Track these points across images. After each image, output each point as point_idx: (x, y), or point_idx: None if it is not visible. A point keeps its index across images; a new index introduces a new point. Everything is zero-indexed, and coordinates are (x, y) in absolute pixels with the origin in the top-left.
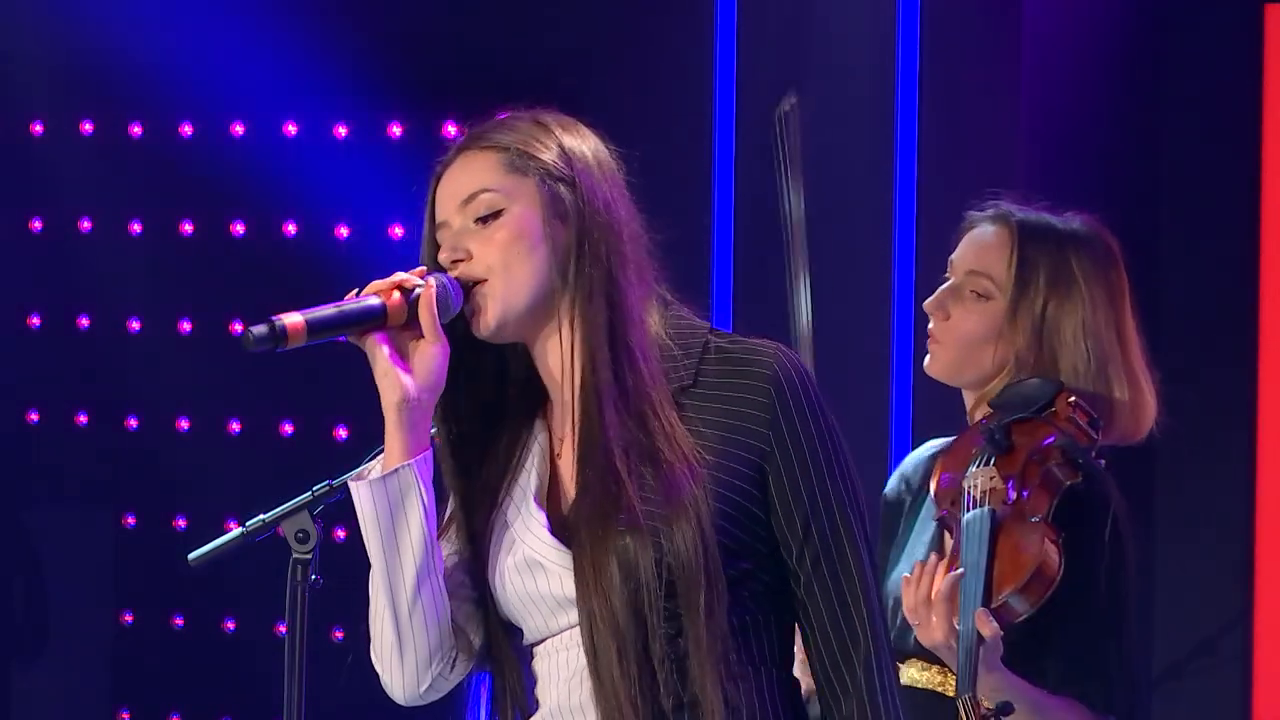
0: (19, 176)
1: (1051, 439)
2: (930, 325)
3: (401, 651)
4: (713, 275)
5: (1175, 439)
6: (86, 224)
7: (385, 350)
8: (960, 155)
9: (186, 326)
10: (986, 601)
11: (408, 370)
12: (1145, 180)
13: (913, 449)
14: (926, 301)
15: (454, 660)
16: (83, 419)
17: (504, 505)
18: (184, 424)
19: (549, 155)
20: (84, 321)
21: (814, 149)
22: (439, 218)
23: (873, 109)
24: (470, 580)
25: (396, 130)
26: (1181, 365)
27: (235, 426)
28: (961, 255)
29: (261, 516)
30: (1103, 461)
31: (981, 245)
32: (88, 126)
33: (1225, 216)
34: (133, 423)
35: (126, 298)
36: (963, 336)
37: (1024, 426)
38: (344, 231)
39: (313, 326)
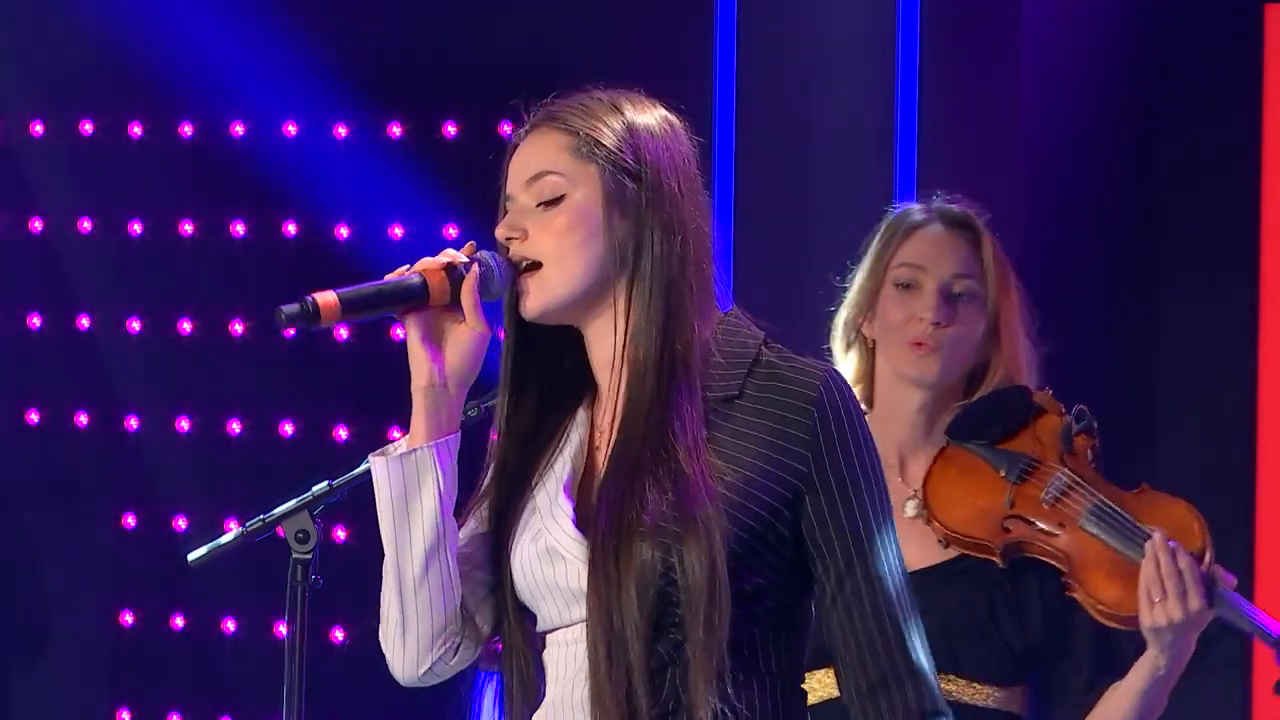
0: (19, 176)
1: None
2: (919, 333)
3: (404, 630)
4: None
5: (1175, 438)
6: (86, 224)
7: (419, 331)
8: (960, 155)
9: (186, 326)
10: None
11: (440, 353)
12: (1145, 180)
13: None
14: (929, 312)
15: (457, 646)
16: (83, 419)
17: (536, 490)
18: (184, 424)
19: (617, 144)
20: (84, 321)
21: (814, 149)
22: (508, 190)
23: (873, 109)
24: (488, 561)
25: (396, 130)
26: (1181, 365)
27: (235, 426)
28: (935, 256)
29: (261, 516)
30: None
31: (956, 246)
32: (88, 126)
33: (1225, 216)
34: (133, 423)
35: (126, 298)
36: (965, 339)
37: (1027, 427)
38: (344, 231)
39: (346, 304)
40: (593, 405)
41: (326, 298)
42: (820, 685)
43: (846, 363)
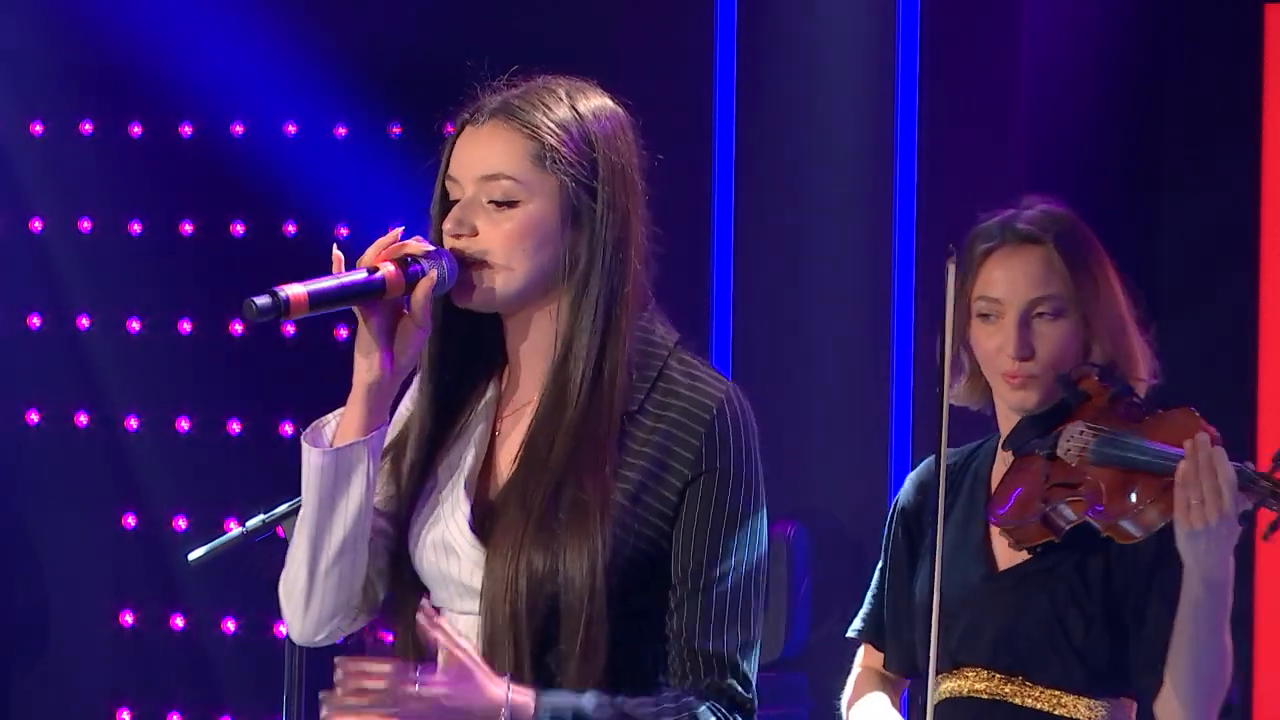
0: (19, 176)
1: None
2: (1011, 368)
3: (309, 601)
4: (713, 276)
5: None
6: (86, 224)
7: (374, 326)
8: (960, 155)
9: (186, 326)
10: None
11: (389, 350)
12: (1145, 180)
13: (913, 449)
14: (1007, 353)
15: (355, 616)
16: (83, 419)
17: (439, 474)
18: (184, 424)
19: (579, 158)
20: (84, 321)
21: (814, 149)
22: (452, 172)
23: (873, 109)
24: (392, 530)
25: (396, 130)
26: (1181, 363)
27: (235, 426)
28: (1013, 287)
29: (261, 516)
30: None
31: (1028, 273)
32: (88, 126)
33: (1225, 216)
34: (133, 423)
35: (126, 298)
36: (1055, 358)
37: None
38: (344, 232)
39: (314, 299)
40: (501, 383)
41: (296, 292)
42: (970, 689)
43: (959, 387)
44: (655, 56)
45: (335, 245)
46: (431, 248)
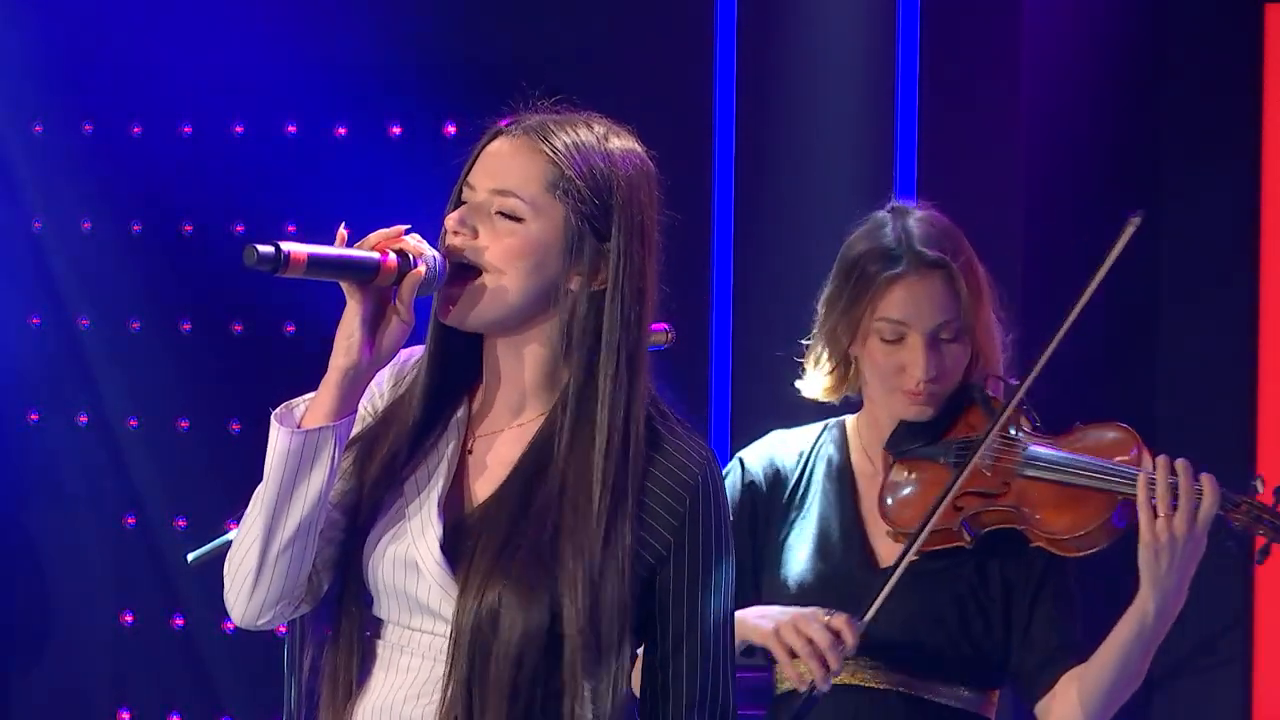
0: (19, 176)
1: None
2: (914, 385)
3: (255, 585)
4: (713, 276)
5: (1174, 438)
6: (86, 224)
7: (362, 312)
8: (960, 155)
9: (186, 326)
10: None
11: (371, 338)
12: (1145, 180)
13: None
14: (913, 373)
15: (298, 604)
16: (83, 419)
17: (405, 487)
18: (184, 424)
19: (592, 188)
20: (84, 321)
21: (814, 149)
22: (471, 178)
23: (873, 109)
24: (343, 526)
25: (396, 130)
26: (1181, 364)
27: (235, 426)
28: (914, 309)
29: None
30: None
31: (932, 299)
32: (88, 126)
33: (1225, 216)
34: (133, 423)
35: (126, 298)
36: (954, 373)
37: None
38: (345, 232)
39: (312, 262)
40: (471, 404)
41: (298, 251)
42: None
43: (817, 371)
44: (655, 56)
45: (342, 224)
46: (428, 248)
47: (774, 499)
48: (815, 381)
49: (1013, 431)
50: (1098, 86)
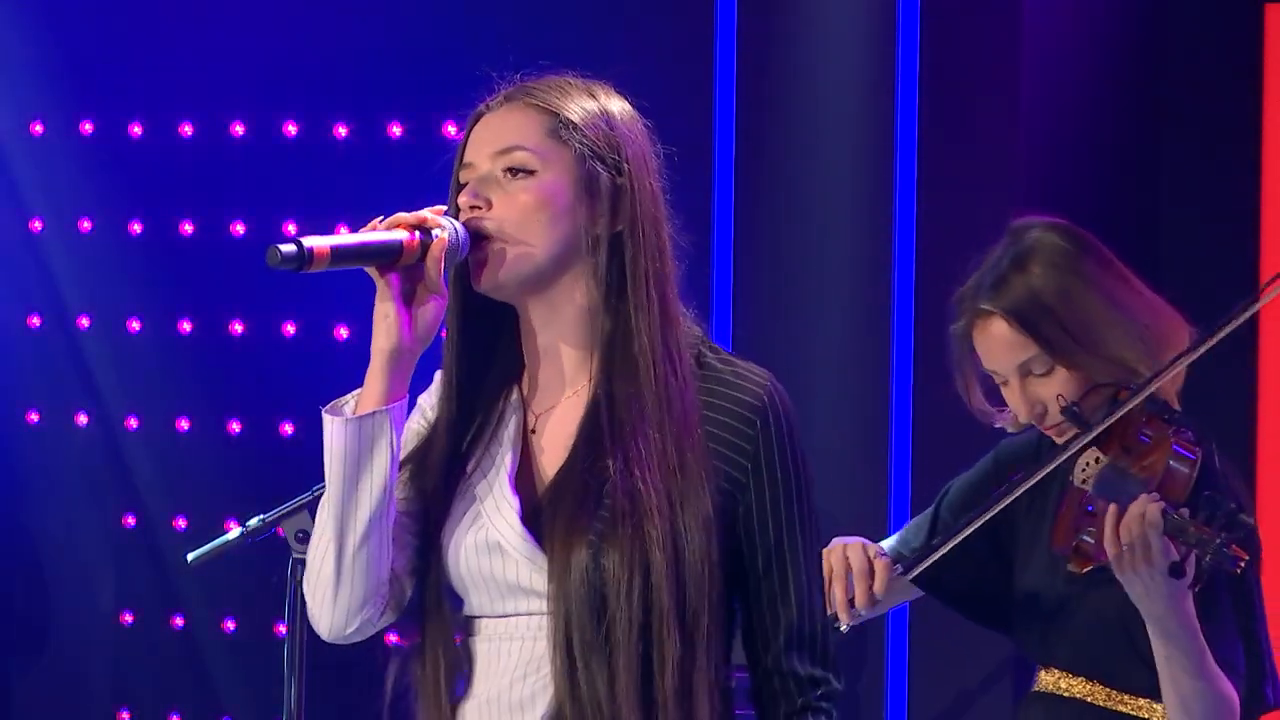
0: (19, 176)
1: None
2: (1039, 423)
3: (336, 591)
4: (713, 276)
5: None
6: (86, 224)
7: (393, 292)
8: (960, 155)
9: (186, 326)
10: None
11: (408, 316)
12: (1145, 181)
13: (912, 453)
14: (1021, 417)
15: (384, 609)
16: (83, 419)
17: (473, 476)
18: (184, 424)
19: (594, 130)
20: (84, 321)
21: (814, 149)
22: (467, 158)
23: (873, 109)
24: (416, 531)
25: (396, 130)
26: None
27: (235, 426)
28: (996, 359)
29: (261, 516)
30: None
31: (1001, 346)
32: (88, 126)
33: (1225, 217)
34: (133, 423)
35: (126, 298)
36: (1068, 390)
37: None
38: (344, 232)
39: (336, 253)
40: (522, 387)
41: (320, 245)
42: (1057, 686)
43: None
44: (655, 56)
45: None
46: (446, 220)
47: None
48: (1009, 417)
49: (1124, 445)
50: (1098, 86)
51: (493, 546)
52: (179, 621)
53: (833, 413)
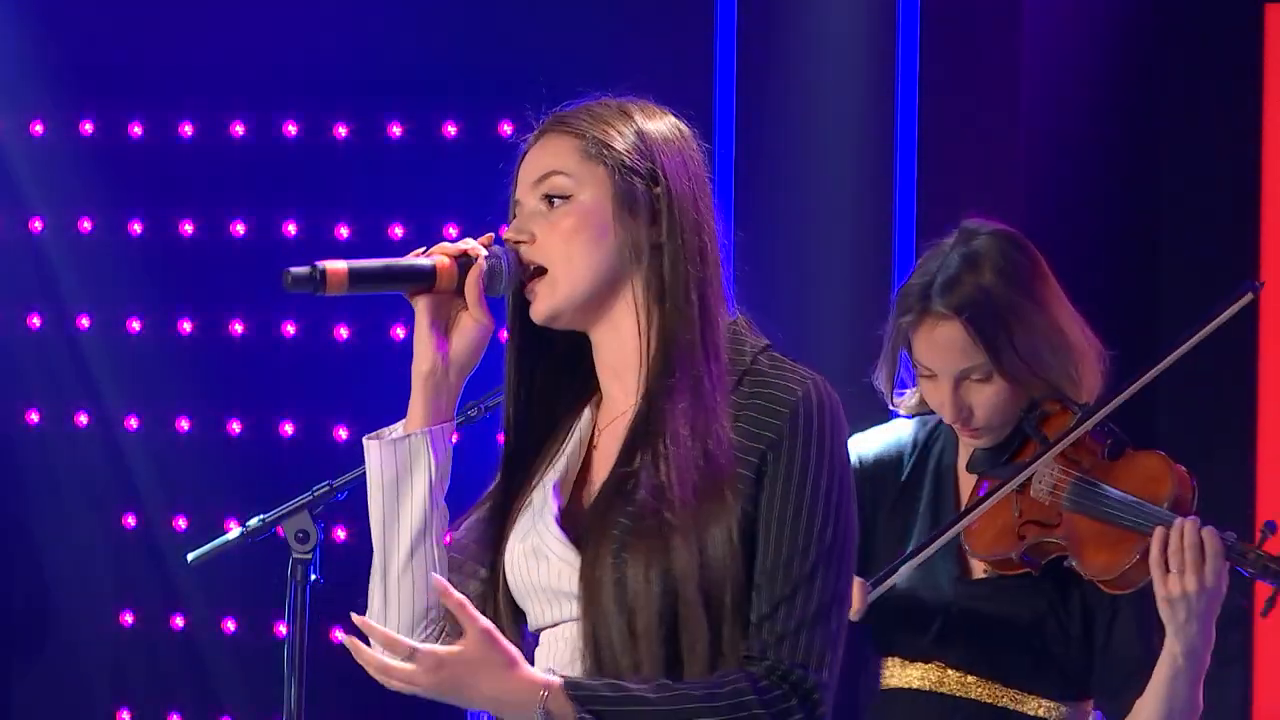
0: (19, 176)
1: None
2: (957, 424)
3: (385, 615)
4: None
5: (1175, 440)
6: (86, 224)
7: (428, 315)
8: (960, 155)
9: (186, 326)
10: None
11: (445, 340)
12: (1145, 180)
13: None
14: (945, 415)
15: (440, 632)
16: (83, 419)
17: (534, 494)
18: (184, 424)
19: (626, 145)
20: (84, 321)
21: (814, 148)
22: (517, 195)
23: (873, 109)
24: (482, 555)
25: (397, 130)
26: (1180, 367)
27: (235, 426)
28: (938, 359)
29: (261, 516)
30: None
31: (949, 349)
32: (88, 126)
33: (1225, 217)
34: (133, 423)
35: (126, 298)
36: (995, 415)
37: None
38: (344, 231)
39: (355, 276)
40: (598, 407)
41: (336, 267)
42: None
43: (909, 395)
44: (655, 56)
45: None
46: (497, 246)
47: (881, 485)
48: (910, 396)
49: (1073, 459)
50: (1097, 86)
51: (538, 553)
52: (179, 621)
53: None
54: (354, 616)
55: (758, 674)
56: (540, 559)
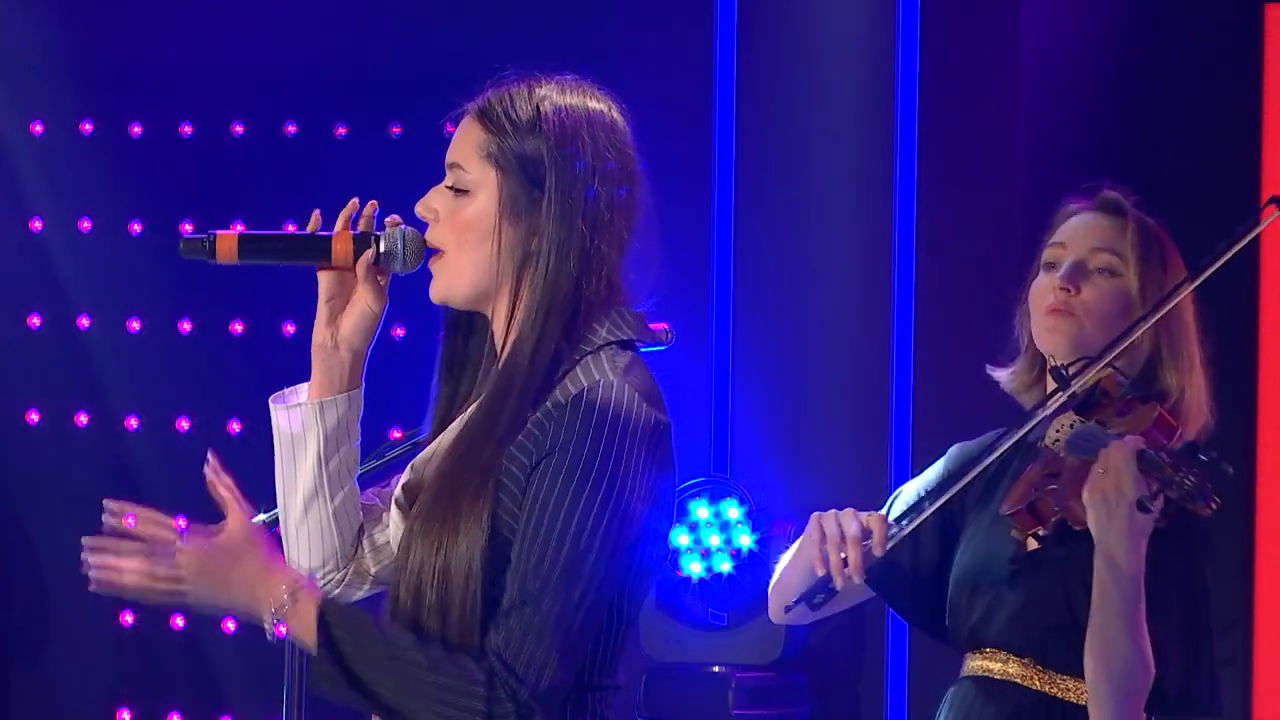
0: (19, 176)
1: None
2: (1054, 299)
3: (290, 555)
4: (712, 276)
5: None
6: (86, 224)
7: (326, 290)
8: (960, 155)
9: (186, 326)
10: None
11: (338, 317)
12: (1145, 180)
13: (911, 447)
14: (1058, 275)
15: (341, 581)
16: (83, 419)
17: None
18: (184, 424)
19: (525, 149)
20: (84, 321)
21: (814, 149)
22: (447, 156)
23: (873, 108)
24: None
25: (396, 130)
26: None
27: (235, 426)
28: (1076, 235)
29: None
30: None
31: (1098, 226)
32: (88, 126)
33: (1225, 217)
34: (133, 423)
35: (126, 298)
36: (1094, 310)
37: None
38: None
39: (245, 243)
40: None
41: (226, 236)
42: (986, 668)
43: (1015, 368)
44: (655, 56)
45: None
46: (399, 223)
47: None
48: (1015, 369)
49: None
50: (1098, 87)
51: (394, 510)
52: (179, 621)
53: (833, 412)
54: (85, 539)
55: (486, 670)
56: (390, 522)
